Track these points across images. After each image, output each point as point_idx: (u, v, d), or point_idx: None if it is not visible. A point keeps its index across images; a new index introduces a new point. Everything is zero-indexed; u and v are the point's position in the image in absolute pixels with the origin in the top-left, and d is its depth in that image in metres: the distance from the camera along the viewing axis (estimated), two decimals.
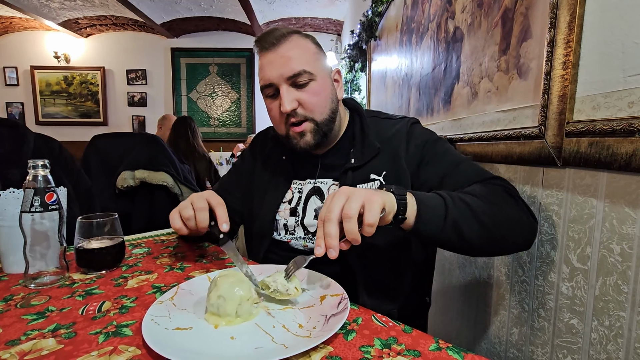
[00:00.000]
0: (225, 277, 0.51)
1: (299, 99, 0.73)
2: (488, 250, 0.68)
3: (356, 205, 0.50)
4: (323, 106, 0.76)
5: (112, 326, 0.49)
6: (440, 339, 0.45)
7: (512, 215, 0.62)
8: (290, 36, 0.74)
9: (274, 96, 0.75)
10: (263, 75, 0.75)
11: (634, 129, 0.49)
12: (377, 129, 0.81)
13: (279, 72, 0.72)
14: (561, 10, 0.63)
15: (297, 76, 0.72)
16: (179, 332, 0.46)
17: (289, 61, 0.72)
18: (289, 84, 0.73)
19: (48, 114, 4.94)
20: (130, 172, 1.55)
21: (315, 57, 0.76)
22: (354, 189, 0.53)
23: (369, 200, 0.50)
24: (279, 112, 0.74)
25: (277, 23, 4.56)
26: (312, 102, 0.74)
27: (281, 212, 0.83)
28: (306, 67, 0.72)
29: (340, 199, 0.51)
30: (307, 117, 0.74)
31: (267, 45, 0.73)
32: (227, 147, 4.68)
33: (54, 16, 4.25)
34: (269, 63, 0.73)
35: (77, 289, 0.63)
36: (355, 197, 0.50)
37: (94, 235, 0.71)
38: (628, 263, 0.53)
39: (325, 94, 0.76)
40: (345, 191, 0.52)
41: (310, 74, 0.73)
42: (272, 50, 0.73)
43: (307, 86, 0.73)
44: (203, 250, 0.85)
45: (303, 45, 0.75)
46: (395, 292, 0.77)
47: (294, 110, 0.73)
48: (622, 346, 0.54)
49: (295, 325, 0.48)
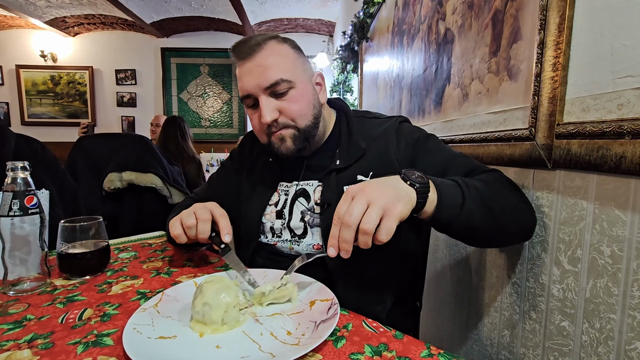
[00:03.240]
0: (211, 283, 0.49)
1: (279, 108, 0.71)
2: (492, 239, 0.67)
3: (376, 217, 0.47)
4: (305, 113, 0.74)
5: (92, 335, 0.47)
6: (432, 345, 0.44)
7: (516, 203, 0.63)
8: (266, 43, 0.72)
9: (254, 106, 0.74)
10: (242, 86, 0.73)
11: (624, 131, 0.49)
12: (363, 129, 0.80)
13: (256, 82, 0.70)
14: (551, 12, 0.63)
15: (274, 85, 0.70)
16: (162, 342, 0.44)
17: (266, 71, 0.70)
18: (268, 93, 0.71)
19: (34, 114, 4.83)
20: (117, 174, 1.52)
21: (294, 63, 0.74)
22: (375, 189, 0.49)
23: (388, 213, 0.48)
24: (260, 122, 0.72)
25: (268, 24, 4.54)
26: (293, 110, 0.72)
27: (267, 215, 0.82)
28: (283, 76, 0.70)
29: (361, 205, 0.48)
30: (288, 124, 0.73)
31: (242, 55, 0.72)
32: (219, 149, 4.64)
33: (40, 14, 4.16)
34: (246, 73, 0.72)
35: (59, 295, 0.61)
36: (377, 206, 0.47)
37: (78, 239, 0.69)
38: (618, 265, 0.53)
39: (307, 100, 0.74)
40: (367, 193, 0.49)
41: (289, 82, 0.71)
42: (249, 59, 0.71)
43: (287, 94, 0.71)
44: (191, 254, 0.83)
45: (280, 52, 0.73)
46: (381, 293, 0.75)
47: (275, 121, 0.72)
48: (612, 349, 0.54)
49: (284, 333, 0.46)
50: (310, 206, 0.77)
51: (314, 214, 0.76)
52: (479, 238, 0.63)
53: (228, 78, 4.95)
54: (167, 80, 4.90)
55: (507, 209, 0.61)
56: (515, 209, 0.62)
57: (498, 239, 0.66)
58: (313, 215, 0.76)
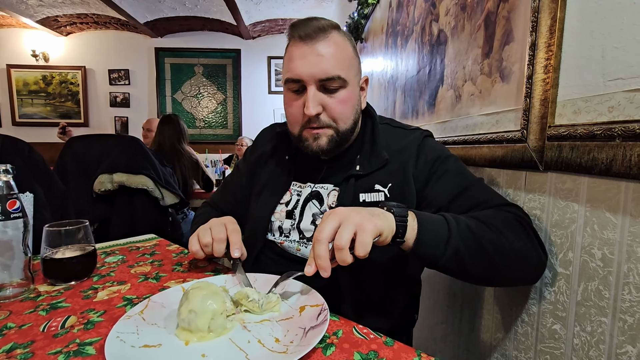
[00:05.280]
0: (198, 289, 0.48)
1: (325, 104, 0.68)
2: (489, 281, 0.67)
3: (347, 234, 0.48)
4: (347, 116, 0.71)
5: (74, 344, 0.45)
6: (423, 352, 0.43)
7: (519, 247, 0.58)
8: (330, 32, 0.68)
9: (297, 92, 0.70)
10: (292, 68, 0.68)
11: (614, 134, 0.49)
12: (387, 138, 0.77)
13: (311, 70, 0.66)
14: (542, 14, 0.63)
15: (329, 80, 0.66)
16: (146, 350, 0.43)
17: (324, 62, 0.66)
18: (318, 86, 0.67)
19: (25, 114, 4.76)
20: (108, 176, 1.50)
21: (351, 63, 0.71)
22: (350, 210, 0.51)
23: (361, 228, 0.48)
24: (301, 111, 0.69)
25: (263, 24, 4.52)
26: (338, 111, 0.69)
27: (277, 214, 0.80)
28: (341, 73, 0.67)
29: (332, 222, 0.49)
30: (329, 124, 0.70)
31: (302, 35, 0.67)
32: (213, 150, 4.61)
33: (31, 13, 4.10)
34: (302, 57, 0.67)
35: (42, 302, 0.59)
36: (348, 224, 0.48)
37: (63, 243, 0.67)
38: (609, 268, 0.53)
39: (352, 103, 0.72)
40: (339, 213, 0.50)
41: (343, 80, 0.68)
42: (308, 43, 0.66)
43: (337, 92, 0.68)
44: (181, 257, 0.82)
45: (342, 46, 0.69)
46: (388, 311, 0.75)
47: (317, 115, 0.68)
48: (603, 352, 0.54)
49: (272, 340, 0.45)
50: (323, 209, 0.75)
51: None
52: (474, 278, 0.61)
53: (222, 78, 4.92)
54: (161, 81, 4.85)
55: (504, 251, 0.57)
56: (516, 252, 0.58)
57: (496, 279, 0.62)
58: None
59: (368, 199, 0.72)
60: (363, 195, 0.72)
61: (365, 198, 0.72)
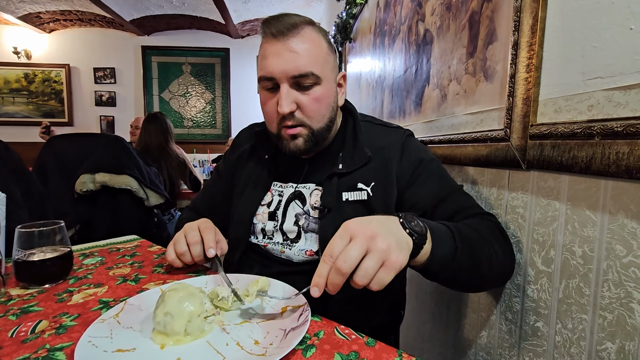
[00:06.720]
0: (175, 291, 0.46)
1: (299, 101, 0.67)
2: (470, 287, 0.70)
3: (373, 270, 0.42)
4: (322, 114, 0.70)
5: (43, 350, 0.43)
6: (404, 352, 0.43)
7: (503, 258, 0.63)
8: (303, 28, 0.66)
9: (271, 90, 0.68)
10: (265, 66, 0.66)
11: (593, 132, 0.49)
12: (370, 135, 0.76)
13: (283, 67, 0.64)
14: (524, 14, 0.64)
15: (302, 77, 0.65)
16: (119, 355, 0.41)
17: (297, 58, 0.64)
18: (292, 83, 0.66)
19: (7, 113, 4.63)
20: (90, 176, 1.46)
21: (326, 59, 0.69)
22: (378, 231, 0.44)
23: (388, 263, 0.42)
24: (275, 110, 0.67)
25: (252, 23, 4.49)
26: (312, 109, 0.68)
27: (259, 216, 0.78)
28: (314, 69, 0.65)
29: (359, 249, 0.42)
30: (303, 122, 0.68)
31: (275, 32, 0.65)
32: (201, 149, 4.56)
33: (12, 9, 3.98)
34: (274, 54, 0.65)
35: (13, 306, 0.57)
36: (376, 255, 0.42)
37: (37, 245, 0.65)
38: (589, 266, 0.53)
39: (328, 100, 0.70)
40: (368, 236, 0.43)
41: (317, 77, 0.66)
42: (281, 39, 0.65)
43: (311, 89, 0.67)
44: (163, 259, 0.80)
45: (316, 42, 0.67)
46: (374, 307, 0.74)
47: (291, 113, 0.67)
48: (584, 349, 0.54)
49: (251, 342, 0.44)
50: (306, 209, 0.74)
51: (309, 217, 0.73)
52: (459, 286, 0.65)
53: (211, 77, 4.87)
54: (147, 79, 4.77)
55: (492, 264, 0.60)
56: (500, 263, 0.62)
57: (476, 286, 0.68)
58: (308, 219, 0.73)
59: (351, 198, 0.71)
60: (346, 194, 0.71)
61: (348, 197, 0.71)
